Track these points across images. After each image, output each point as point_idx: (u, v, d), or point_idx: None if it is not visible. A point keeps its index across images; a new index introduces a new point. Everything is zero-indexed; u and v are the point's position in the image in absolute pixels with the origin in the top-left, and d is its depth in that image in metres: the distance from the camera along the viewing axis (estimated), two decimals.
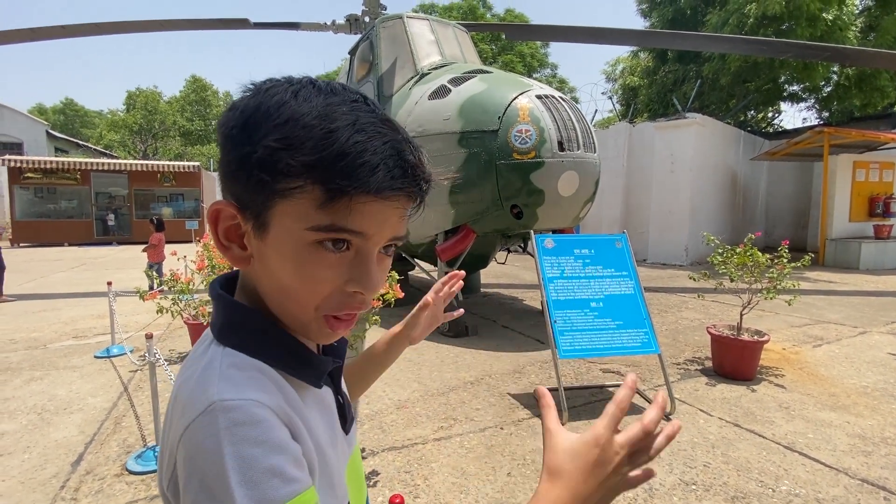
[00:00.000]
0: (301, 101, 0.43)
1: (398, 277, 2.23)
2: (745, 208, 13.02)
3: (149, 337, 2.31)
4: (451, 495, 2.06)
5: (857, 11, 11.49)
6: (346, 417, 0.58)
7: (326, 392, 0.55)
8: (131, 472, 2.23)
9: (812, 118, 17.15)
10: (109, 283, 4.13)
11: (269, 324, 0.49)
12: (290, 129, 0.42)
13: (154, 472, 2.23)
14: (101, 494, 2.07)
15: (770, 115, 18.95)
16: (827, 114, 15.26)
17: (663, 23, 14.10)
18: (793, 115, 36.18)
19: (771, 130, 17.44)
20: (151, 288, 7.07)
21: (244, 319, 0.49)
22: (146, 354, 2.35)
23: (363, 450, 2.43)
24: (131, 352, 4.02)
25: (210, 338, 0.50)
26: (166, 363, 2.41)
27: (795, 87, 14.57)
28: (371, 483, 2.15)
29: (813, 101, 15.37)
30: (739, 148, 12.45)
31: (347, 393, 0.63)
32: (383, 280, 0.49)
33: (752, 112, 17.65)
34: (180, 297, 3.91)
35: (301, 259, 0.44)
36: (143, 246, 7.31)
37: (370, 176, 0.42)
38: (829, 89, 13.72)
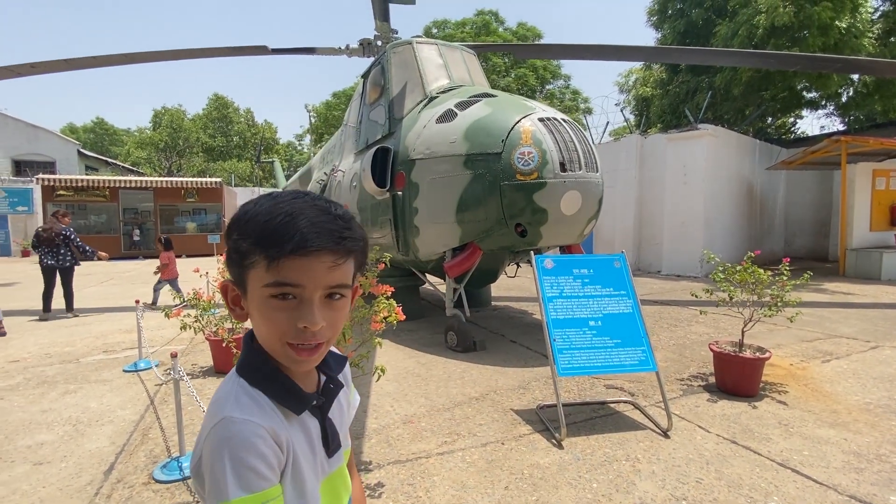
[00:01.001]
0: (258, 206, 0.66)
1: (398, 303, 2.40)
2: (762, 218, 12.87)
3: (173, 356, 2.52)
4: None
5: (873, 17, 11.36)
6: (328, 444, 0.75)
7: (311, 421, 0.73)
8: (157, 481, 2.42)
9: (832, 125, 16.90)
10: (137, 301, 4.39)
11: (271, 367, 0.70)
12: (246, 225, 0.65)
13: (178, 480, 2.42)
14: (130, 501, 2.26)
15: (791, 121, 18.71)
16: (848, 120, 15.02)
17: (674, 35, 14.15)
18: (811, 122, 35.18)
19: (791, 138, 17.21)
20: (154, 303, 7.30)
21: (256, 362, 0.71)
22: (171, 370, 2.56)
23: (369, 463, 2.58)
24: (157, 366, 4.26)
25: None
26: (188, 379, 2.62)
27: (814, 94, 14.40)
28: (376, 495, 2.30)
29: (832, 107, 15.15)
30: (755, 157, 12.36)
31: (336, 425, 0.79)
32: (333, 319, 0.67)
33: (771, 120, 17.46)
34: (202, 314, 4.15)
35: (263, 307, 0.65)
36: (156, 267, 7.50)
37: (289, 242, 0.61)
38: (849, 95, 13.53)
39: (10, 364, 4.53)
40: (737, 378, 3.48)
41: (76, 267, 6.92)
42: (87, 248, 7.02)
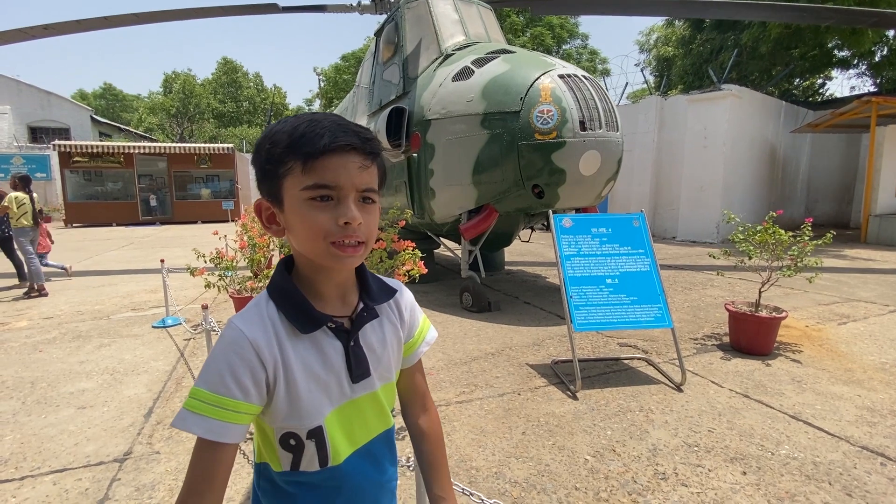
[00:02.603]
0: (281, 123, 0.70)
1: (421, 255, 2.44)
2: (783, 183, 12.54)
3: (204, 307, 2.62)
4: (471, 449, 2.31)
5: None
6: (352, 369, 0.75)
7: (330, 342, 0.74)
8: None
9: (863, 86, 16.12)
10: (162, 261, 4.52)
11: (291, 286, 0.75)
12: (276, 136, 0.69)
13: None
14: (171, 440, 2.42)
15: (820, 81, 17.90)
16: (880, 80, 14.31)
17: None
18: (840, 83, 33.53)
19: (818, 100, 16.51)
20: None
21: (280, 279, 0.76)
22: (202, 323, 2.66)
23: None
24: (185, 321, 4.43)
25: None
26: (219, 331, 2.73)
27: (845, 53, 13.68)
28: (399, 437, 2.41)
29: (864, 67, 14.43)
30: (780, 120, 11.92)
31: (370, 354, 0.79)
32: (369, 220, 0.71)
33: (799, 80, 16.71)
34: (225, 272, 4.26)
35: (303, 211, 0.68)
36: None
37: (320, 141, 0.66)
38: (882, 54, 12.84)
39: (45, 320, 4.74)
40: (751, 337, 3.51)
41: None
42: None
